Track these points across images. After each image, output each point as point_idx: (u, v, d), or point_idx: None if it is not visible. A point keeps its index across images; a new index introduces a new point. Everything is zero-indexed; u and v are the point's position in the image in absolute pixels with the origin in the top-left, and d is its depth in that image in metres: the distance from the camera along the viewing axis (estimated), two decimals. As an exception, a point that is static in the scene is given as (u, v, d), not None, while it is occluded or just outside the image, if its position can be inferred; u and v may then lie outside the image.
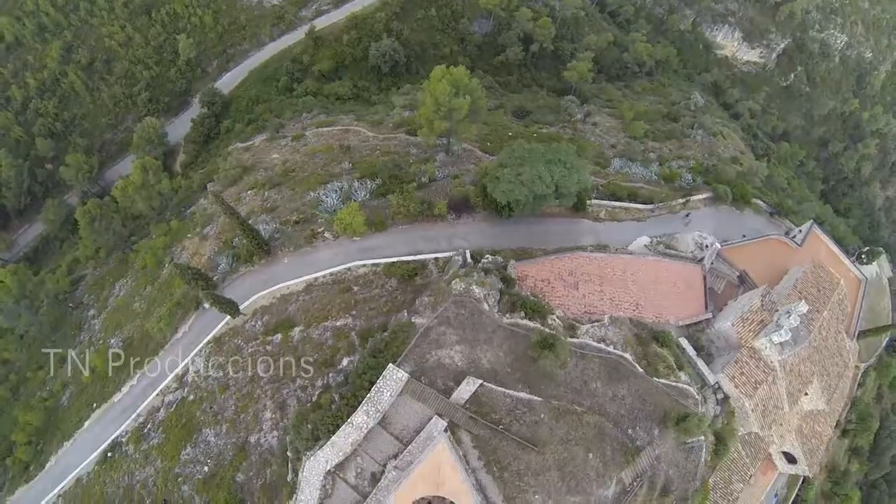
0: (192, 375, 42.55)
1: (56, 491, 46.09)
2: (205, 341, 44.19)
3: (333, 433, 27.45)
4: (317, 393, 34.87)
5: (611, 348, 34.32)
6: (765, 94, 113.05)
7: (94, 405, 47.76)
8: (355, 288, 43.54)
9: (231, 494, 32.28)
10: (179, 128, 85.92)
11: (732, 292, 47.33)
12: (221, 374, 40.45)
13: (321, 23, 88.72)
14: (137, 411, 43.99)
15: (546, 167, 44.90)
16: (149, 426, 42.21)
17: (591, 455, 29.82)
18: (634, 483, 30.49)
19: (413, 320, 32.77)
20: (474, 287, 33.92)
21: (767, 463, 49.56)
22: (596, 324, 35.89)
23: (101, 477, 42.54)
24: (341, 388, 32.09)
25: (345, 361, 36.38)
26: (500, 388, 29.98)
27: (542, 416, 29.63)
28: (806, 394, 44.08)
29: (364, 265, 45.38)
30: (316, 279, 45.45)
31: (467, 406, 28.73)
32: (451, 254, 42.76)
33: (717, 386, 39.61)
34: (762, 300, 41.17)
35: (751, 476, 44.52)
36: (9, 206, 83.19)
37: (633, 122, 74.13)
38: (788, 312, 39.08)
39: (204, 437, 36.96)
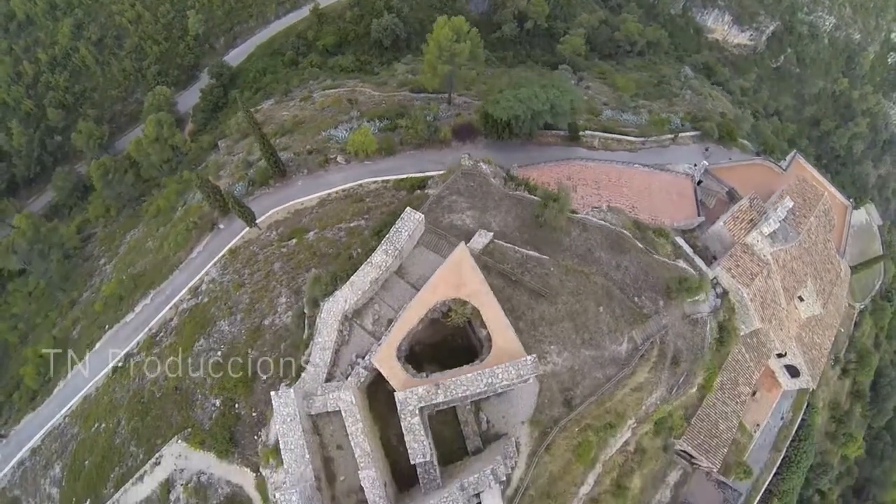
0: (206, 284, 45.70)
1: (62, 412, 47.97)
2: (220, 254, 47.59)
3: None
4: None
5: (611, 226, 38.18)
6: (755, 76, 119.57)
7: (107, 326, 50.36)
8: (367, 199, 47.66)
9: (244, 370, 34.25)
10: (188, 99, 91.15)
11: (723, 208, 51.62)
12: (237, 276, 43.72)
13: (325, 0, 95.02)
14: (150, 325, 46.46)
15: (542, 89, 50.41)
16: (161, 334, 44.74)
17: (601, 309, 33.31)
18: (645, 343, 33.85)
19: (427, 191, 36.80)
20: (482, 164, 38.14)
21: (772, 381, 53.06)
22: (595, 209, 39.93)
23: (110, 387, 44.42)
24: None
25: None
26: (510, 245, 33.81)
27: (552, 269, 33.30)
28: (802, 298, 47.94)
29: (375, 181, 49.68)
30: (329, 195, 49.65)
31: (481, 256, 32.20)
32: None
33: (715, 281, 43.32)
34: (751, 201, 45.47)
35: (755, 383, 47.76)
36: (19, 176, 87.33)
37: (625, 83, 79.61)
38: (775, 207, 43.34)
39: (218, 328, 39.44)
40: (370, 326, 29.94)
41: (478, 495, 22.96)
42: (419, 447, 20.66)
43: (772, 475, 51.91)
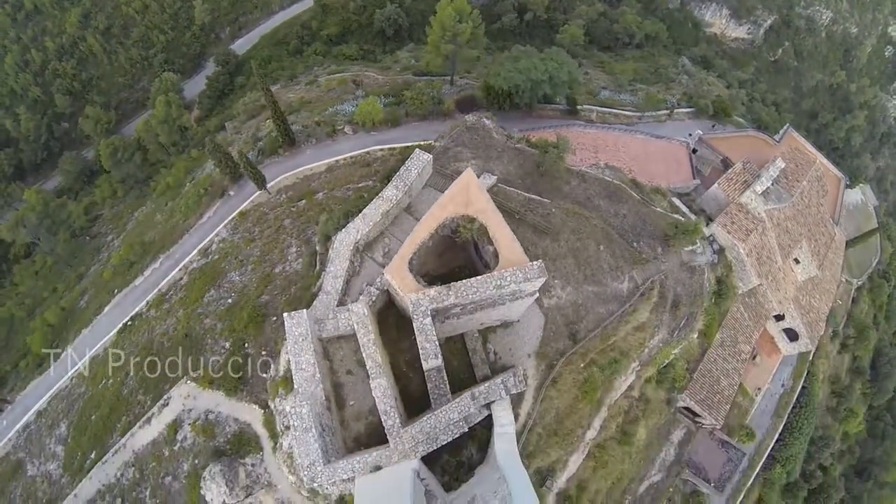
0: (216, 244, 46.71)
1: (70, 374, 48.13)
2: (230, 217, 48.69)
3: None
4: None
5: (609, 179, 39.37)
6: (753, 69, 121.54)
7: (115, 291, 51.22)
8: (374, 164, 48.86)
9: (254, 310, 35.21)
10: (193, 87, 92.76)
11: (717, 176, 52.83)
12: (248, 234, 44.80)
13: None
14: (159, 287, 47.30)
15: (540, 61, 52.29)
16: (170, 292, 45.50)
17: (601, 248, 34.43)
18: (645, 283, 34.91)
19: (432, 143, 38.00)
20: (485, 119, 39.46)
21: (772, 345, 53.93)
22: (593, 166, 41.16)
23: (119, 345, 44.75)
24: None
25: (368, 207, 41.03)
26: (513, 189, 34.97)
27: (553, 210, 34.46)
28: (797, 261, 48.97)
29: (381, 149, 50.93)
30: (337, 162, 50.89)
31: (486, 195, 33.26)
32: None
33: (711, 238, 44.44)
34: (744, 165, 46.77)
35: (755, 344, 48.65)
36: (26, 161, 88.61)
37: (622, 69, 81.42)
38: (768, 168, 44.60)
39: (228, 279, 40.28)
40: (381, 259, 30.97)
41: (488, 406, 23.72)
42: (431, 347, 21.52)
43: (774, 441, 52.54)
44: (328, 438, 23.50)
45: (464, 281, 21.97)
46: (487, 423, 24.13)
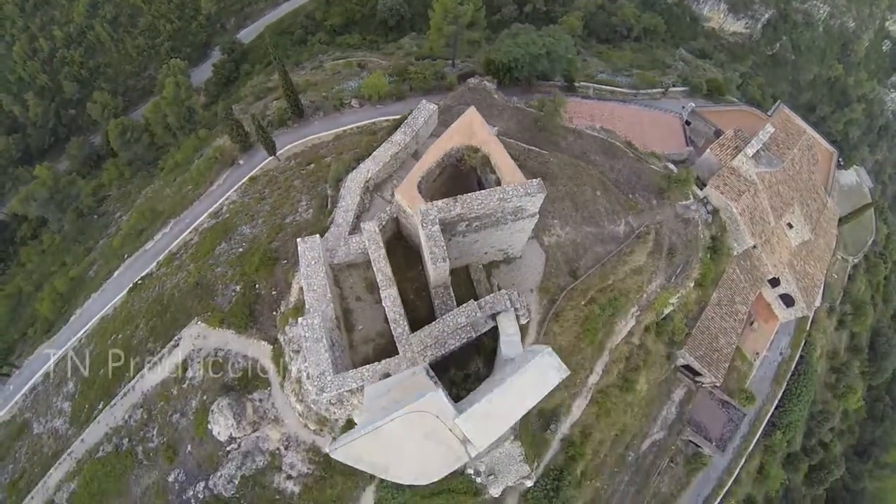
0: (226, 207, 48.09)
1: (79, 335, 49.09)
2: (240, 182, 50.12)
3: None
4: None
5: (604, 137, 40.87)
6: (752, 63, 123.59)
7: (125, 256, 52.42)
8: (380, 133, 50.16)
9: (265, 254, 36.29)
10: (199, 76, 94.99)
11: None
12: (258, 195, 46.22)
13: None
14: (169, 248, 48.65)
15: (539, 37, 54.37)
16: (181, 252, 46.80)
17: (598, 194, 35.82)
18: (641, 227, 36.23)
19: (437, 103, 39.51)
20: (486, 83, 41.07)
21: (769, 312, 54.99)
22: (589, 127, 42.64)
23: (128, 303, 45.86)
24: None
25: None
26: (513, 140, 36.44)
27: (551, 160, 35.93)
28: (791, 225, 50.19)
29: (386, 120, 52.39)
30: (344, 131, 52.59)
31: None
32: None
33: (705, 200, 45.74)
34: (735, 132, 48.28)
35: (751, 305, 49.73)
36: (33, 146, 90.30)
37: (620, 56, 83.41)
38: (757, 134, 46.12)
39: (239, 232, 41.63)
40: (389, 198, 32.37)
41: (494, 318, 24.82)
42: (439, 251, 22.69)
43: (774, 407, 53.45)
44: (337, 353, 24.59)
45: (469, 193, 23.27)
46: (493, 334, 25.09)
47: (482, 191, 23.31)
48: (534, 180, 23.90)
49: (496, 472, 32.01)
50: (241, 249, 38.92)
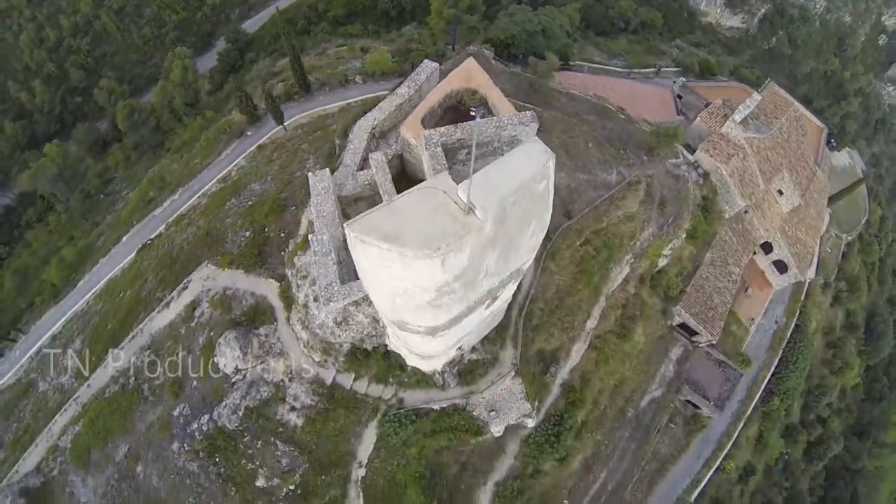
0: (235, 171, 49.86)
1: (86, 297, 50.51)
2: (249, 150, 51.91)
3: (380, 107, 35.30)
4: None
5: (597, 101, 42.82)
6: (748, 57, 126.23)
7: (134, 222, 54.04)
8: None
9: (275, 202, 37.97)
10: (204, 64, 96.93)
11: (702, 120, 56.25)
12: (267, 159, 47.99)
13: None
14: (179, 210, 50.30)
15: (534, 15, 56.81)
16: (190, 213, 48.44)
17: (590, 146, 37.63)
18: (633, 178, 37.98)
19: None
20: (485, 50, 43.12)
21: (763, 280, 56.53)
22: (582, 93, 44.59)
23: (137, 262, 47.20)
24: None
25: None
26: (509, 99, 38.25)
27: (545, 115, 37.79)
28: (781, 192, 51.88)
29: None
30: (349, 104, 54.57)
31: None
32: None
33: (696, 164, 47.45)
34: (724, 101, 50.23)
35: (744, 267, 51.22)
36: (39, 132, 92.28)
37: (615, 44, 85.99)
38: (745, 101, 48.04)
39: (249, 189, 43.41)
40: (393, 146, 34.14)
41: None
42: (441, 169, 24.39)
43: (770, 374, 54.70)
44: (344, 271, 26.15)
45: (469, 121, 25.10)
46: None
47: (480, 120, 25.05)
48: (527, 112, 25.65)
49: (497, 408, 33.42)
50: (250, 202, 40.62)
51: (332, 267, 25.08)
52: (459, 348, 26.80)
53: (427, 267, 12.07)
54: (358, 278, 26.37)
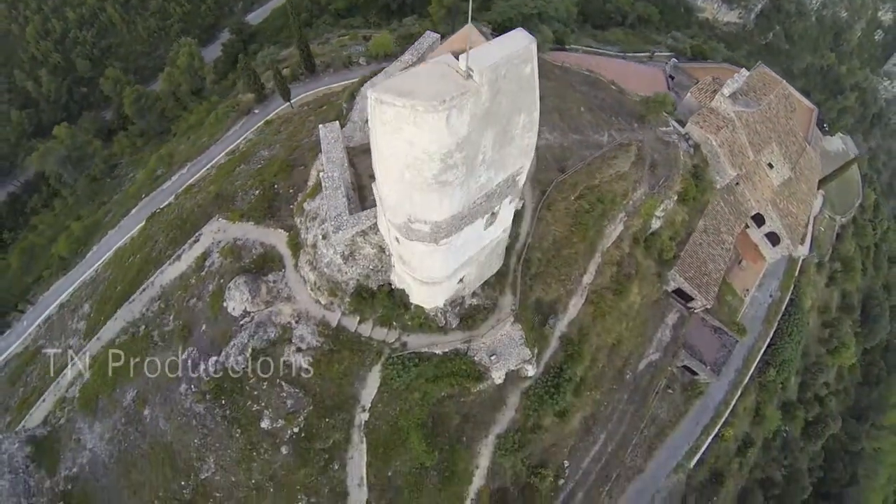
0: (243, 144, 51.92)
1: (95, 265, 51.90)
2: (257, 125, 54.04)
3: (385, 74, 37.64)
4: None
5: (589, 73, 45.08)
6: (745, 52, 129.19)
7: (143, 195, 55.95)
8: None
9: (284, 162, 39.87)
10: (208, 56, 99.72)
11: (694, 99, 58.47)
12: (274, 131, 50.11)
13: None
14: (189, 181, 52.25)
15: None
16: (199, 183, 50.39)
17: (583, 110, 39.79)
18: (624, 139, 40.09)
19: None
20: (483, 26, 45.50)
21: (756, 253, 58.39)
22: (575, 66, 46.92)
23: (147, 229, 48.76)
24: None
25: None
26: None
27: (540, 83, 39.91)
28: (771, 165, 53.90)
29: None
30: (352, 83, 56.49)
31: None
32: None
33: (687, 135, 49.52)
34: (713, 78, 52.58)
35: (736, 236, 53.07)
36: (45, 120, 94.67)
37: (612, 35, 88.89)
38: (733, 76, 50.28)
39: (258, 155, 45.41)
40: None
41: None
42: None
43: (766, 345, 56.32)
44: (353, 206, 28.13)
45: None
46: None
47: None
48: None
49: (498, 353, 35.01)
50: (259, 165, 42.57)
51: (341, 199, 27.07)
52: (460, 281, 28.53)
53: (434, 122, 14.11)
54: (365, 208, 28.45)
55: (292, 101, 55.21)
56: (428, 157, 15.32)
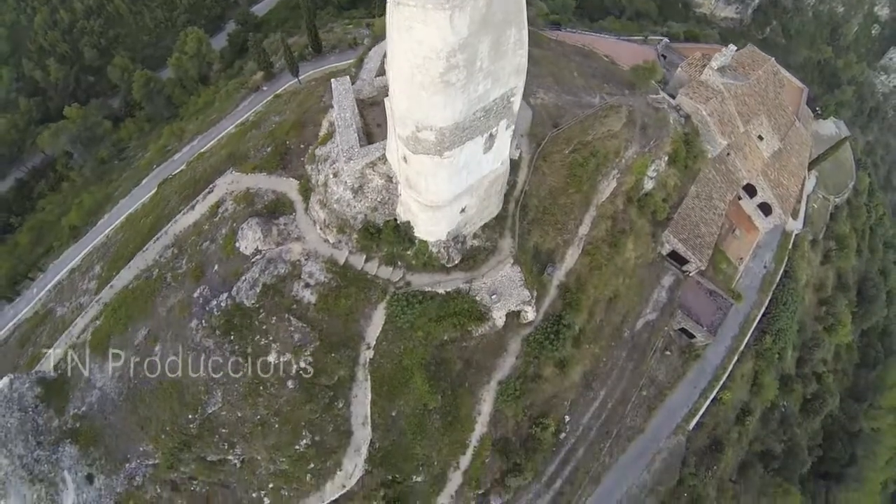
0: (253, 116, 54.80)
1: (107, 231, 53.92)
2: (266, 99, 56.99)
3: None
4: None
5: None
6: (742, 46, 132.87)
7: (154, 166, 58.64)
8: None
9: (296, 121, 42.72)
10: (214, 46, 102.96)
11: (687, 78, 61.47)
12: (283, 103, 52.94)
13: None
14: (199, 151, 54.98)
15: None
16: (210, 150, 53.15)
17: (576, 75, 42.82)
18: (615, 101, 42.99)
19: None
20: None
21: (749, 224, 61.02)
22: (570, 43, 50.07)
23: (159, 194, 51.06)
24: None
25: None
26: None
27: (534, 50, 42.85)
28: (761, 137, 56.72)
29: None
30: (360, 53, 59.60)
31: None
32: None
33: (678, 106, 52.38)
34: (702, 54, 55.67)
35: (728, 203, 55.69)
36: (53, 109, 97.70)
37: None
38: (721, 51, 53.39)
39: (269, 121, 48.28)
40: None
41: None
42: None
43: (761, 314, 58.55)
44: (362, 144, 30.88)
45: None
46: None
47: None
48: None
49: (499, 293, 37.44)
50: (271, 127, 45.34)
51: (353, 135, 29.84)
52: (463, 210, 31.11)
53: (440, 19, 16.85)
54: (372, 142, 31.20)
55: (300, 78, 58.15)
56: (435, 56, 18.06)
